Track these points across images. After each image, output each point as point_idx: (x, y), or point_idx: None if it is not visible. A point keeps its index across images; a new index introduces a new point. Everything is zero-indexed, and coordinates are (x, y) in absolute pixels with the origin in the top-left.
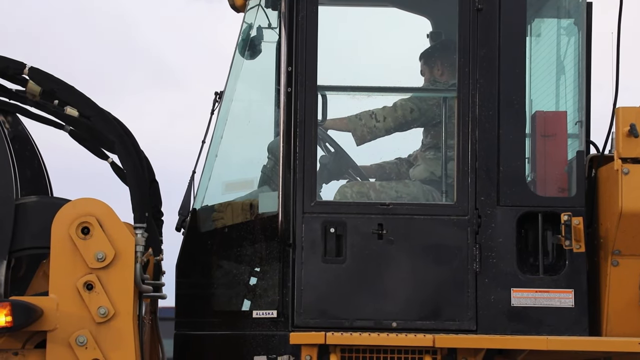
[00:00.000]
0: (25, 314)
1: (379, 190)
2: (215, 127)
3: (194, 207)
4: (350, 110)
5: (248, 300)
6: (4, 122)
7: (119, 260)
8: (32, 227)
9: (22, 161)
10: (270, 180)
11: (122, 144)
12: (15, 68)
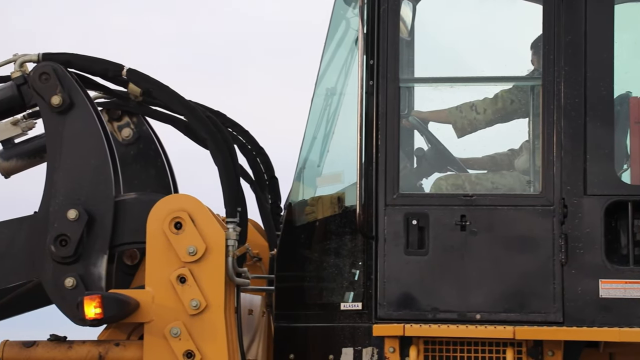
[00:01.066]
0: (115, 306)
1: (474, 182)
2: (311, 122)
3: (290, 201)
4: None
5: (336, 293)
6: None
7: (209, 254)
8: (131, 223)
9: (146, 160)
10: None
11: (213, 141)
12: (115, 70)
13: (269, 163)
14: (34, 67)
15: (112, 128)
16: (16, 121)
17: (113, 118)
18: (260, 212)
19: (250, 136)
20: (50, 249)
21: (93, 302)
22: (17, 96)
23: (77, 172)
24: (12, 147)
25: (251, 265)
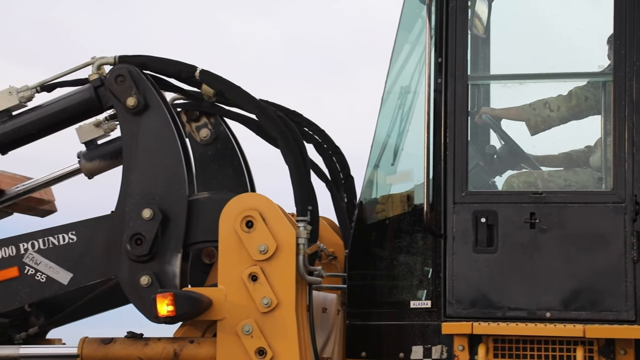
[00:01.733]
0: (187, 304)
1: (546, 179)
2: (382, 120)
3: (361, 199)
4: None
5: (406, 291)
6: (207, 123)
7: (280, 252)
8: (204, 222)
9: (223, 160)
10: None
11: (283, 140)
12: (188, 71)
13: (344, 162)
14: (110, 70)
15: (190, 129)
16: (98, 123)
17: (191, 119)
18: (336, 210)
19: (326, 135)
20: (126, 247)
21: (165, 300)
22: (94, 98)
23: (152, 172)
24: (95, 149)
25: (326, 264)
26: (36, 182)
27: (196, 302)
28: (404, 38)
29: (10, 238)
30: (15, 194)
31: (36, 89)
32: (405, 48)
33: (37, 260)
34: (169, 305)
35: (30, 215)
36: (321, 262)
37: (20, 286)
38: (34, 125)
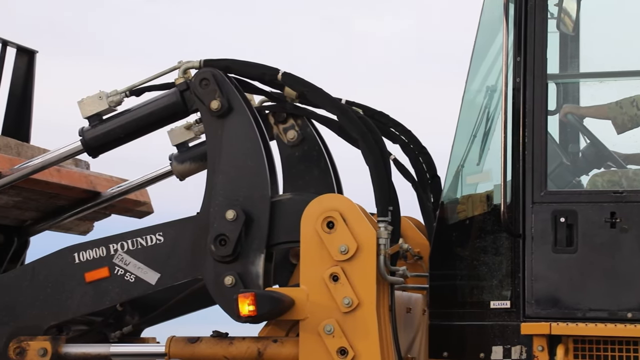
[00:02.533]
0: (268, 303)
1: (631, 178)
2: (463, 119)
3: (443, 199)
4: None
5: (486, 291)
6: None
7: (361, 252)
8: (286, 223)
9: (310, 161)
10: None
11: (364, 141)
12: (271, 74)
13: (431, 162)
14: (195, 74)
15: (277, 130)
16: (189, 125)
17: (279, 120)
18: (422, 210)
19: (413, 135)
20: (210, 248)
21: (247, 300)
22: (180, 102)
23: (235, 174)
24: (186, 151)
25: (412, 264)
26: (130, 184)
27: (277, 302)
28: (484, 37)
29: (101, 239)
30: (110, 196)
31: (125, 93)
32: (487, 47)
33: (127, 261)
34: (250, 305)
35: (128, 217)
36: (407, 262)
37: (110, 286)
38: (123, 129)
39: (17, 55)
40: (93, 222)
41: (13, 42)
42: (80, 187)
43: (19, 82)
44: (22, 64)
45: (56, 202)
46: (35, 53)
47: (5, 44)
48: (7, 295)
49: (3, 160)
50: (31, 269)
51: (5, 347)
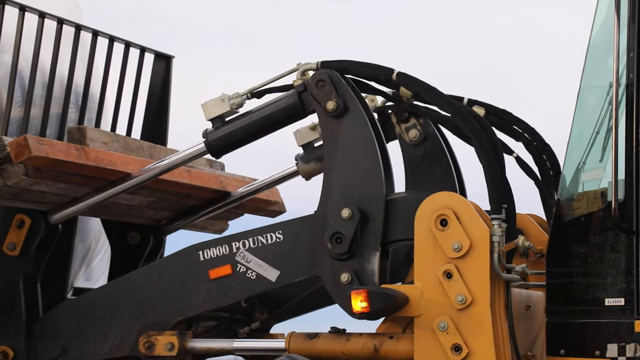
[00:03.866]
0: (381, 300)
1: None
2: (579, 116)
3: (559, 196)
4: None
5: (600, 289)
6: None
7: (474, 250)
8: (401, 221)
9: (432, 159)
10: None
11: (477, 140)
12: (386, 74)
13: (554, 159)
14: (312, 75)
15: (400, 129)
16: (314, 126)
17: (401, 120)
18: (544, 208)
19: (536, 133)
20: (327, 246)
21: (359, 297)
22: (298, 103)
23: (351, 173)
24: (311, 151)
25: (534, 261)
26: (258, 184)
27: (390, 298)
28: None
29: (224, 237)
30: (239, 196)
31: (246, 95)
32: (601, 43)
33: (248, 259)
34: (363, 302)
35: (260, 216)
36: (528, 259)
37: (233, 283)
38: (243, 131)
39: (154, 61)
40: (227, 221)
41: (151, 48)
42: (210, 188)
43: (156, 88)
44: (160, 70)
45: (188, 202)
46: (172, 58)
47: (144, 50)
48: (138, 292)
49: (134, 162)
50: (159, 267)
51: (136, 342)
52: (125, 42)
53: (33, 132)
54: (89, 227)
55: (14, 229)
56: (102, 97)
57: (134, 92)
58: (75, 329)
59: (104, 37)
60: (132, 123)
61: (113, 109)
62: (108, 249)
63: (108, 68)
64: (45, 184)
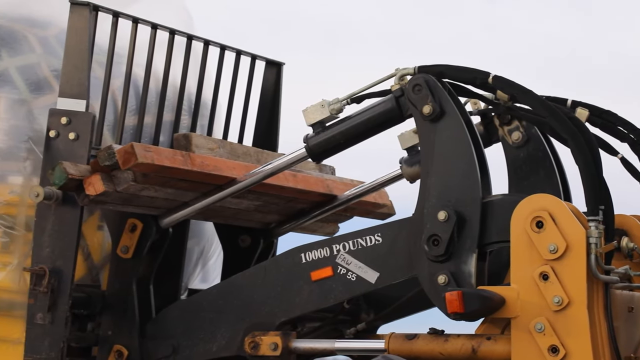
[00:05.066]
0: (476, 302)
1: None
2: None
3: None
4: None
5: None
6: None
7: (570, 252)
8: (497, 223)
9: (535, 161)
10: None
11: (573, 141)
12: (482, 78)
13: None
14: (409, 80)
15: (502, 132)
16: None
17: (503, 122)
18: None
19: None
20: (424, 248)
21: (454, 298)
22: (395, 108)
23: (447, 176)
24: (415, 154)
25: (639, 263)
26: (363, 187)
27: (485, 300)
28: None
29: (325, 240)
30: (346, 199)
31: (346, 101)
32: None
33: (348, 261)
34: (457, 303)
35: (370, 218)
36: (632, 261)
37: (334, 285)
38: (342, 135)
39: (265, 68)
40: (337, 224)
41: (262, 56)
42: (316, 191)
43: (267, 94)
44: (271, 76)
45: (295, 205)
46: (282, 65)
47: (254, 58)
48: (244, 293)
49: (239, 167)
50: (263, 269)
51: (242, 342)
52: (237, 50)
53: (147, 139)
54: (202, 230)
55: (127, 232)
56: (214, 105)
57: (245, 99)
58: (185, 329)
59: (215, 46)
60: (244, 129)
61: (225, 116)
62: (221, 252)
63: (219, 76)
64: (154, 190)
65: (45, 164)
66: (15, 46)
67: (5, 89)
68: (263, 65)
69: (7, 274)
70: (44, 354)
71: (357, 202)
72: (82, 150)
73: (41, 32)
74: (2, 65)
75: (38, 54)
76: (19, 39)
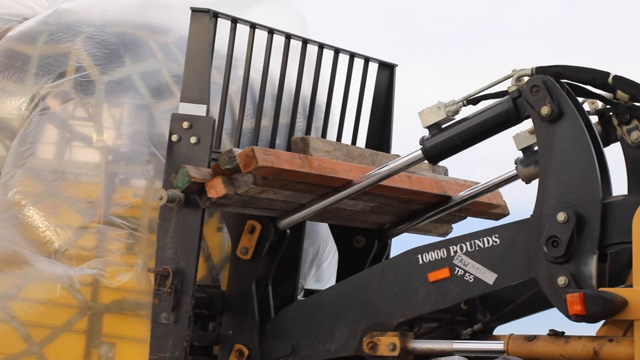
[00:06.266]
0: (597, 304)
1: None
2: None
3: None
4: None
5: None
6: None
7: None
8: (618, 224)
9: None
10: None
11: None
12: (601, 78)
13: None
14: (526, 81)
15: (621, 132)
16: (533, 130)
17: (622, 122)
18: None
19: None
20: (543, 249)
21: (575, 299)
22: (512, 109)
23: (566, 177)
24: (530, 155)
25: None
26: (478, 187)
27: (607, 302)
28: None
29: (442, 241)
30: (460, 200)
31: (462, 102)
32: None
33: (465, 262)
34: (578, 305)
35: (483, 219)
36: None
37: (451, 286)
38: (459, 137)
39: (378, 70)
40: (450, 224)
41: (375, 57)
42: (430, 192)
43: (380, 96)
44: (383, 78)
45: (410, 206)
46: (395, 66)
47: (367, 60)
48: (361, 294)
49: (355, 169)
50: (380, 270)
51: (360, 342)
52: (350, 53)
53: (263, 142)
54: (317, 231)
55: (246, 234)
56: (328, 107)
57: (359, 101)
58: (303, 329)
59: (330, 50)
60: (357, 131)
61: (339, 118)
62: (336, 252)
63: (333, 79)
64: (273, 192)
65: (168, 167)
66: (138, 53)
67: (129, 95)
68: (376, 67)
69: (132, 275)
70: (168, 352)
71: (471, 203)
72: (203, 153)
73: (162, 38)
74: (125, 71)
75: (159, 60)
76: (141, 45)
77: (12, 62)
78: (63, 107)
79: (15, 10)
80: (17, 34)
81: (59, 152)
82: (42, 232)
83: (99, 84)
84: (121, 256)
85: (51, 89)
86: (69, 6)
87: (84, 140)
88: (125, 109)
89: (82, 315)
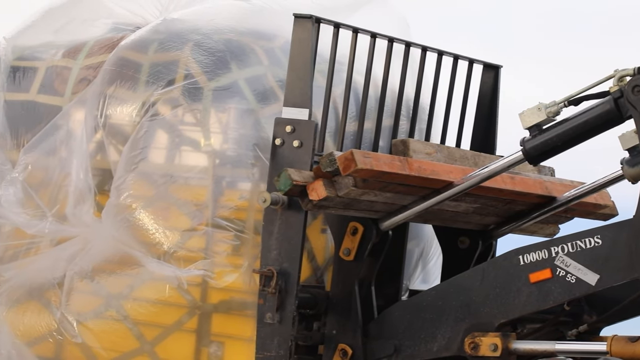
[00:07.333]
0: None
1: None
2: None
3: None
4: None
5: None
6: None
7: None
8: None
9: None
10: None
11: None
12: None
13: None
14: (628, 81)
15: None
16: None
17: None
18: None
19: None
20: None
21: None
22: (614, 109)
23: None
24: (637, 155)
25: None
26: (583, 188)
27: None
28: None
29: (543, 242)
30: (565, 200)
31: (563, 103)
32: None
33: (567, 263)
34: None
35: (591, 219)
36: None
37: (553, 287)
38: (560, 138)
39: (483, 72)
40: (557, 225)
41: (479, 59)
42: (534, 193)
43: (485, 98)
44: (488, 80)
45: (514, 207)
46: (500, 68)
47: (472, 62)
48: (462, 294)
49: (456, 170)
50: (482, 271)
51: (462, 342)
52: (454, 55)
53: (366, 144)
54: (422, 232)
55: (349, 235)
56: (432, 109)
57: (463, 103)
58: (406, 329)
59: (433, 52)
60: (462, 133)
61: (442, 120)
62: (441, 253)
63: (437, 81)
64: (373, 194)
65: (272, 170)
66: (244, 58)
67: (235, 100)
68: (480, 69)
69: (238, 276)
70: (273, 351)
71: (578, 203)
72: (305, 157)
73: (267, 44)
74: (231, 77)
75: (265, 66)
76: (247, 51)
77: (124, 71)
78: (172, 113)
79: (129, 20)
80: (130, 42)
81: (169, 156)
82: (152, 234)
83: (207, 90)
84: (227, 257)
85: (161, 95)
86: (179, 15)
87: (192, 144)
88: (231, 114)
89: (192, 315)
